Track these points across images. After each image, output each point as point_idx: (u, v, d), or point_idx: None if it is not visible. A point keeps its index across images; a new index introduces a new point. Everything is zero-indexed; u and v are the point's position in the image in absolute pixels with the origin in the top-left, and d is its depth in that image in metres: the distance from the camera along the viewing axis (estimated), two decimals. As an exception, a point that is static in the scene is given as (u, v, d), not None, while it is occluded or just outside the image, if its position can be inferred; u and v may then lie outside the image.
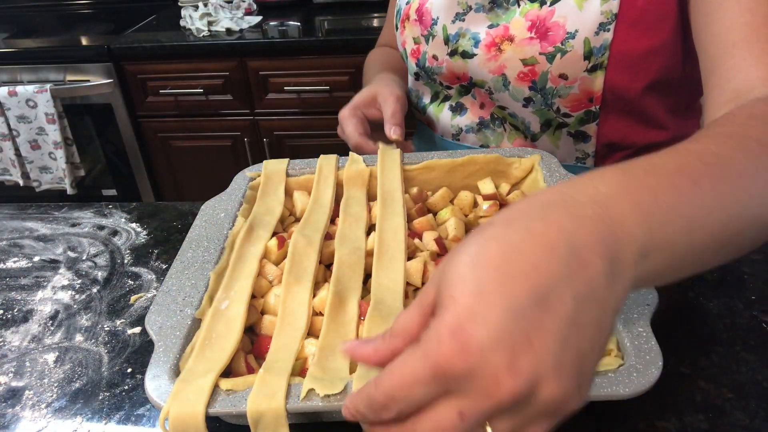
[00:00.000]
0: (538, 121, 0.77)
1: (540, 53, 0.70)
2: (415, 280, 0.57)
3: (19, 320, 0.65)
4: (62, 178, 1.96)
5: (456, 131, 0.84)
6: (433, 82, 0.83)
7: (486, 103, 0.80)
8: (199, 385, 0.44)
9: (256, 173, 0.72)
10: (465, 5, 0.76)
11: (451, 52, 0.77)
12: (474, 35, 0.75)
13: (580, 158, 0.79)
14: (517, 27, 0.71)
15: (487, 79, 0.76)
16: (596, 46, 0.67)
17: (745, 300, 0.61)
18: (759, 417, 0.48)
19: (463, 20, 0.76)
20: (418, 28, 0.81)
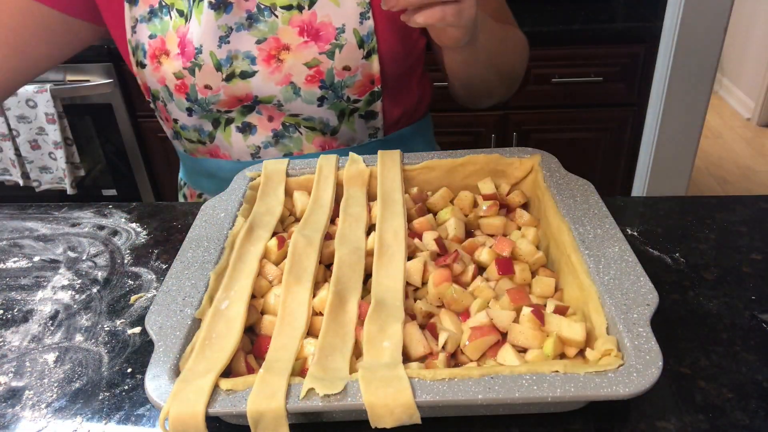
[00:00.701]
0: (335, 114, 0.80)
1: (320, 53, 0.74)
2: (415, 280, 0.57)
3: (19, 320, 0.65)
4: (62, 178, 1.96)
5: (254, 150, 0.83)
6: (209, 112, 0.80)
7: (274, 116, 0.80)
8: (199, 385, 0.44)
9: (256, 173, 0.72)
10: (225, 27, 0.74)
11: (227, 77, 0.76)
12: (246, 54, 0.75)
13: (372, 134, 0.85)
14: (287, 35, 0.74)
15: (275, 93, 0.77)
16: (365, 34, 0.74)
17: (745, 300, 0.61)
18: (759, 417, 0.48)
19: (228, 42, 0.74)
20: (179, 61, 0.76)
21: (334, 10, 0.74)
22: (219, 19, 0.73)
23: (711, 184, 2.88)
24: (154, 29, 0.76)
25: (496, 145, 1.94)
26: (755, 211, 0.75)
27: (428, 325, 0.53)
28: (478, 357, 0.50)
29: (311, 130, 0.81)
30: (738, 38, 3.41)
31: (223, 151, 0.84)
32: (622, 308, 0.48)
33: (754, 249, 0.68)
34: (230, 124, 0.81)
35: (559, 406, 0.48)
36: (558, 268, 0.59)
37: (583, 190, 0.64)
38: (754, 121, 3.37)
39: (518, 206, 0.68)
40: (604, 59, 1.80)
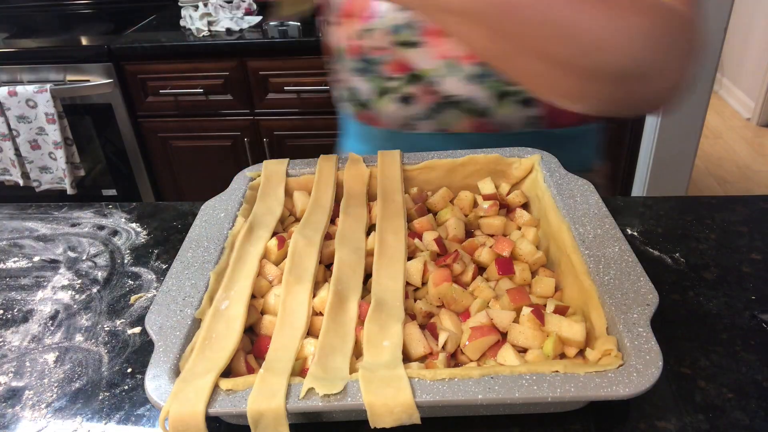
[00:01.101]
0: (489, 95, 0.79)
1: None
2: (415, 280, 0.57)
3: (19, 320, 0.65)
4: (62, 178, 1.96)
5: (407, 121, 0.84)
6: (377, 75, 0.82)
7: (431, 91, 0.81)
8: (199, 385, 0.44)
9: (256, 173, 0.72)
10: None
11: (394, 43, 0.78)
12: (418, 24, 0.76)
13: (530, 123, 0.81)
14: None
15: (431, 67, 0.77)
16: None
17: (745, 300, 0.61)
18: (759, 417, 0.48)
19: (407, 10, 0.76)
20: (358, 23, 0.79)
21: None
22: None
23: (711, 184, 2.88)
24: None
25: (496, 145, 1.93)
26: (755, 211, 0.75)
27: (428, 325, 0.53)
28: (478, 357, 0.50)
29: (466, 111, 0.81)
30: (738, 38, 3.41)
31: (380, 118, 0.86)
32: (622, 308, 0.48)
33: (754, 249, 0.68)
34: (391, 93, 0.83)
35: (559, 406, 0.48)
36: (558, 268, 0.59)
37: (583, 190, 0.64)
38: (754, 121, 3.37)
39: (518, 206, 0.68)
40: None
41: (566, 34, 0.45)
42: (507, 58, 0.48)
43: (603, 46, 0.45)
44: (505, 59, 0.48)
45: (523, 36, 0.46)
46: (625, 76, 0.47)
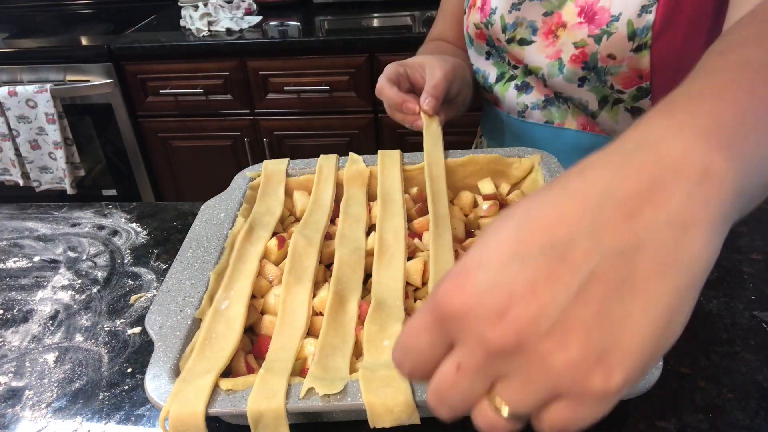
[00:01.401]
0: (596, 99, 0.80)
1: (588, 35, 0.74)
2: (415, 280, 0.57)
3: (19, 320, 0.65)
4: (62, 178, 1.96)
5: (522, 108, 0.86)
6: (502, 60, 0.87)
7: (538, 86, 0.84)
8: (199, 385, 0.44)
9: (256, 173, 0.72)
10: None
11: (508, 40, 0.81)
12: (531, 23, 0.79)
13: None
14: (568, 13, 0.76)
15: (542, 65, 0.80)
16: (639, 28, 0.71)
17: (745, 300, 0.61)
18: (759, 417, 0.48)
19: (519, 9, 0.79)
20: (479, 15, 0.84)
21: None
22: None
23: (711, 184, 2.87)
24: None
25: (496, 145, 1.93)
26: (755, 211, 0.75)
27: (428, 325, 0.53)
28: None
29: (576, 108, 0.83)
30: (738, 38, 3.40)
31: (499, 103, 0.90)
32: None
33: (754, 249, 0.68)
34: (512, 80, 0.87)
35: (559, 406, 0.48)
36: (558, 268, 0.59)
37: (583, 190, 0.64)
38: (754, 121, 3.37)
39: (518, 206, 0.68)
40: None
41: None
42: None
43: None
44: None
45: None
46: None
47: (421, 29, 1.83)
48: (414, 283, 0.57)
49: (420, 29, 1.83)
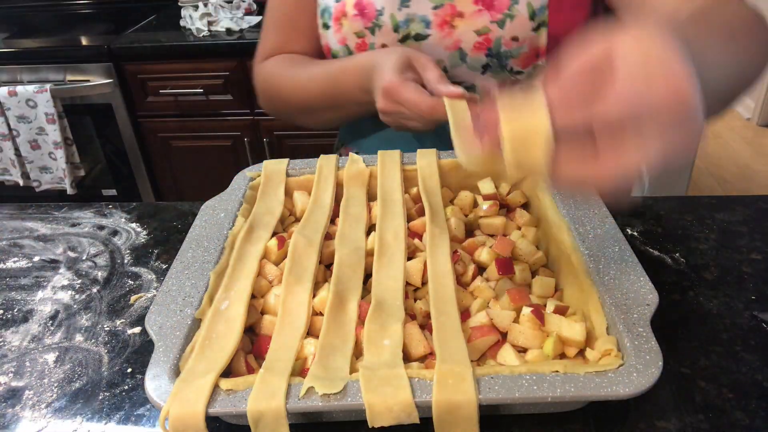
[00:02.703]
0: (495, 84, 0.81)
1: (491, 21, 0.76)
2: (415, 280, 0.57)
3: (19, 320, 0.65)
4: (62, 178, 1.96)
5: None
6: None
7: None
8: (199, 385, 0.44)
9: (256, 173, 0.72)
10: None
11: (402, 38, 0.80)
12: (423, 17, 0.79)
13: None
14: (462, 3, 0.77)
15: (443, 57, 0.80)
16: (537, 7, 0.75)
17: (745, 300, 0.61)
18: (759, 417, 0.48)
19: (408, 6, 0.79)
20: (360, 22, 0.81)
21: None
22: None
23: (711, 184, 2.87)
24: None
25: (496, 145, 1.93)
26: (755, 211, 0.75)
27: (428, 325, 0.53)
28: (478, 357, 0.50)
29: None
30: (738, 38, 3.40)
31: None
32: (622, 308, 0.48)
33: (754, 249, 0.68)
34: None
35: (559, 406, 0.48)
36: (558, 268, 0.59)
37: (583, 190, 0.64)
38: (754, 121, 3.37)
39: (518, 206, 0.68)
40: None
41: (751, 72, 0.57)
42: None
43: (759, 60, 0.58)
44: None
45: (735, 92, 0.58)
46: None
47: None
48: (414, 283, 0.57)
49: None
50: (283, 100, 0.90)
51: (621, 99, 0.36)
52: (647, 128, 0.36)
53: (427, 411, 0.43)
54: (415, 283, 0.57)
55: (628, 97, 0.36)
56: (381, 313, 0.51)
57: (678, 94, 0.35)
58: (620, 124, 0.37)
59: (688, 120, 0.36)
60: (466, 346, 0.48)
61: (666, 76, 0.36)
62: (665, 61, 0.36)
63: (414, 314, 0.54)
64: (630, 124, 0.36)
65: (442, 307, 0.52)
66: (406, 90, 0.68)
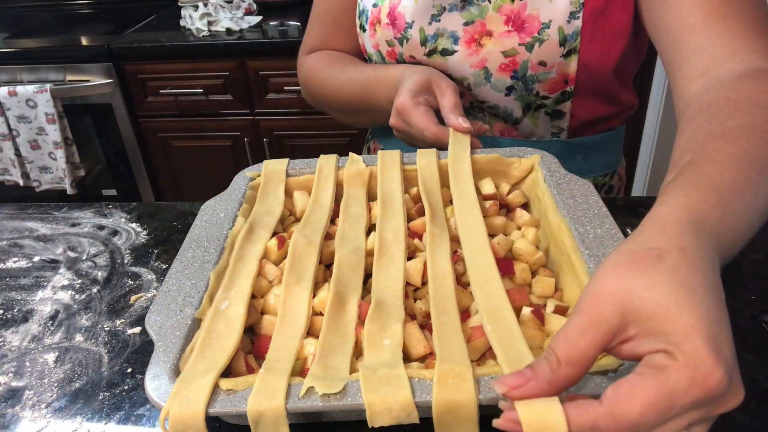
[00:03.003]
0: (520, 107, 0.81)
1: (519, 44, 0.75)
2: (415, 280, 0.57)
3: (19, 320, 0.65)
4: (62, 178, 1.96)
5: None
6: None
7: (464, 93, 0.83)
8: (199, 385, 0.44)
9: (256, 173, 0.72)
10: (439, 7, 0.78)
11: (429, 52, 0.80)
12: (452, 33, 0.78)
13: (555, 133, 0.84)
14: (493, 22, 0.76)
15: (467, 75, 0.79)
16: (569, 33, 0.74)
17: (745, 300, 0.61)
18: (759, 417, 0.48)
19: (439, 20, 0.79)
20: (390, 31, 0.81)
21: (545, 5, 0.74)
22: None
23: (711, 184, 2.87)
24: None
25: (496, 145, 1.93)
26: (755, 211, 0.75)
27: (428, 325, 0.53)
28: (478, 357, 0.50)
29: (494, 117, 0.83)
30: (738, 38, 3.40)
31: None
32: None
33: (754, 249, 0.68)
34: None
35: (559, 406, 0.48)
36: (558, 268, 0.59)
37: (583, 190, 0.64)
38: (754, 121, 3.37)
39: (518, 206, 0.68)
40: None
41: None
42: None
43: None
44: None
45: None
46: None
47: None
48: (414, 283, 0.57)
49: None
50: (321, 97, 0.93)
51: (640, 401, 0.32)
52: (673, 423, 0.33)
53: (427, 411, 0.43)
54: (415, 283, 0.57)
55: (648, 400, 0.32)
56: (381, 313, 0.51)
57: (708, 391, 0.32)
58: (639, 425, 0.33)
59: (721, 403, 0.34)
60: (466, 346, 0.47)
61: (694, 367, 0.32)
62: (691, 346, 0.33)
63: (414, 314, 0.54)
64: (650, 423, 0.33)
65: (442, 307, 0.52)
66: (415, 113, 0.71)
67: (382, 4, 0.82)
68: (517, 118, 0.82)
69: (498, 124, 0.84)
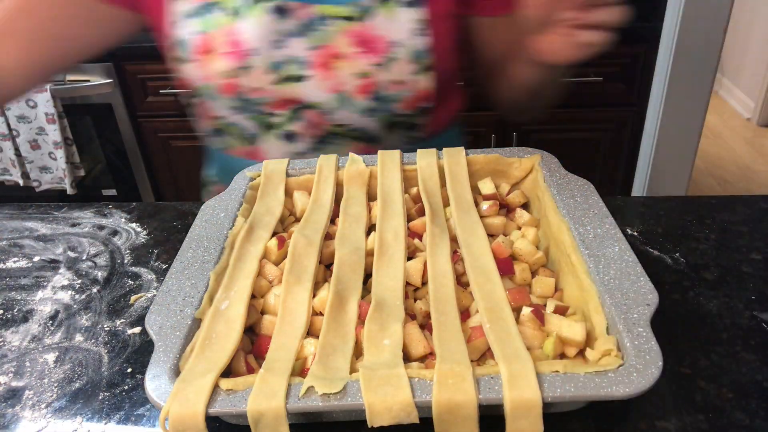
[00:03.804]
0: (381, 126, 0.80)
1: (371, 65, 0.74)
2: (415, 280, 0.57)
3: (19, 320, 0.65)
4: (62, 178, 1.96)
5: (293, 156, 0.81)
6: (257, 113, 0.80)
7: (320, 122, 0.80)
8: (199, 385, 0.44)
9: (256, 173, 0.72)
10: (282, 32, 0.74)
11: (278, 81, 0.76)
12: (300, 59, 0.74)
13: (410, 141, 0.85)
14: (341, 44, 0.74)
15: (323, 100, 0.77)
16: (419, 50, 0.74)
17: (745, 300, 0.61)
18: (759, 417, 0.48)
19: (285, 47, 0.74)
20: (229, 61, 0.75)
21: (389, 24, 0.74)
22: (277, 24, 0.73)
23: (711, 184, 2.88)
24: (202, 26, 0.75)
25: (496, 145, 1.94)
26: (755, 211, 0.75)
27: (428, 325, 0.53)
28: (478, 357, 0.50)
29: (354, 139, 0.82)
30: (738, 38, 3.41)
31: (262, 154, 0.84)
32: (622, 308, 0.48)
33: (754, 249, 0.68)
34: (275, 129, 0.81)
35: (559, 406, 0.48)
36: (558, 268, 0.59)
37: (583, 190, 0.64)
38: (754, 121, 3.37)
39: (518, 206, 0.68)
40: (604, 59, 1.79)
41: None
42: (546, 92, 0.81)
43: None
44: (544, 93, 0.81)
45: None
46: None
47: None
48: (414, 283, 0.57)
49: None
50: None
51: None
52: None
53: (427, 411, 0.43)
54: (415, 283, 0.57)
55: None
56: (381, 313, 0.51)
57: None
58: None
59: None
60: (466, 346, 0.48)
61: None
62: None
63: (414, 314, 0.54)
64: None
65: (442, 307, 0.52)
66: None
67: (210, 32, 0.74)
68: (378, 137, 0.81)
69: (359, 145, 0.82)
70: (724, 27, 1.75)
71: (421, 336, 0.50)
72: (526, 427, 0.43)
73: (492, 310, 0.51)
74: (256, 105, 0.78)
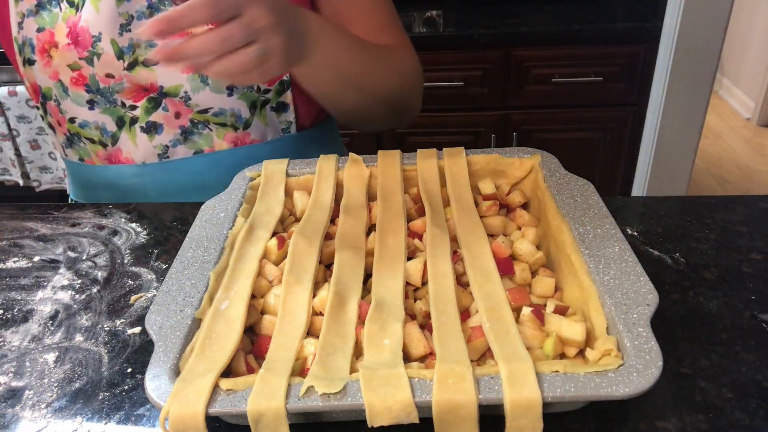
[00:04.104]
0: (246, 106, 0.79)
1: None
2: (415, 280, 0.57)
3: (19, 320, 0.65)
4: (62, 178, 1.96)
5: (161, 150, 0.80)
6: (113, 104, 0.78)
7: (182, 112, 0.78)
8: (199, 385, 0.44)
9: (256, 173, 0.72)
10: (126, 15, 0.73)
11: (129, 66, 0.74)
12: (149, 42, 0.73)
13: (285, 129, 0.84)
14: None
15: (181, 82, 0.75)
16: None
17: (745, 300, 0.61)
18: (759, 417, 0.48)
19: (130, 30, 0.73)
20: (74, 52, 0.73)
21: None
22: (120, 7, 0.72)
23: (711, 184, 2.88)
24: (42, 22, 0.74)
25: (496, 145, 1.94)
26: (755, 211, 0.75)
27: (428, 325, 0.53)
28: (478, 357, 0.50)
29: (221, 126, 0.80)
30: (738, 38, 3.41)
31: (125, 155, 0.81)
32: (622, 308, 0.48)
33: (754, 249, 0.68)
34: (135, 123, 0.79)
35: (559, 406, 0.48)
36: (558, 268, 0.59)
37: (583, 190, 0.64)
38: (754, 121, 3.37)
39: (518, 206, 0.68)
40: (604, 59, 1.80)
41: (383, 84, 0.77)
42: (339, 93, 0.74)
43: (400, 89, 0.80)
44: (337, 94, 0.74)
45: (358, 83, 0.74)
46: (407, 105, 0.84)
47: (421, 29, 1.83)
48: (414, 283, 0.57)
49: (420, 29, 1.83)
50: None
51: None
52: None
53: (427, 411, 0.43)
54: (415, 283, 0.57)
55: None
56: (381, 313, 0.51)
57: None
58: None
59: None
60: (466, 346, 0.48)
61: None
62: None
63: (414, 314, 0.54)
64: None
65: (442, 307, 0.52)
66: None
67: (53, 27, 0.73)
68: (246, 120, 0.79)
69: (228, 134, 0.80)
70: (724, 27, 1.75)
71: (421, 336, 0.50)
72: (526, 426, 0.43)
73: (492, 310, 0.51)
74: (110, 95, 0.76)
